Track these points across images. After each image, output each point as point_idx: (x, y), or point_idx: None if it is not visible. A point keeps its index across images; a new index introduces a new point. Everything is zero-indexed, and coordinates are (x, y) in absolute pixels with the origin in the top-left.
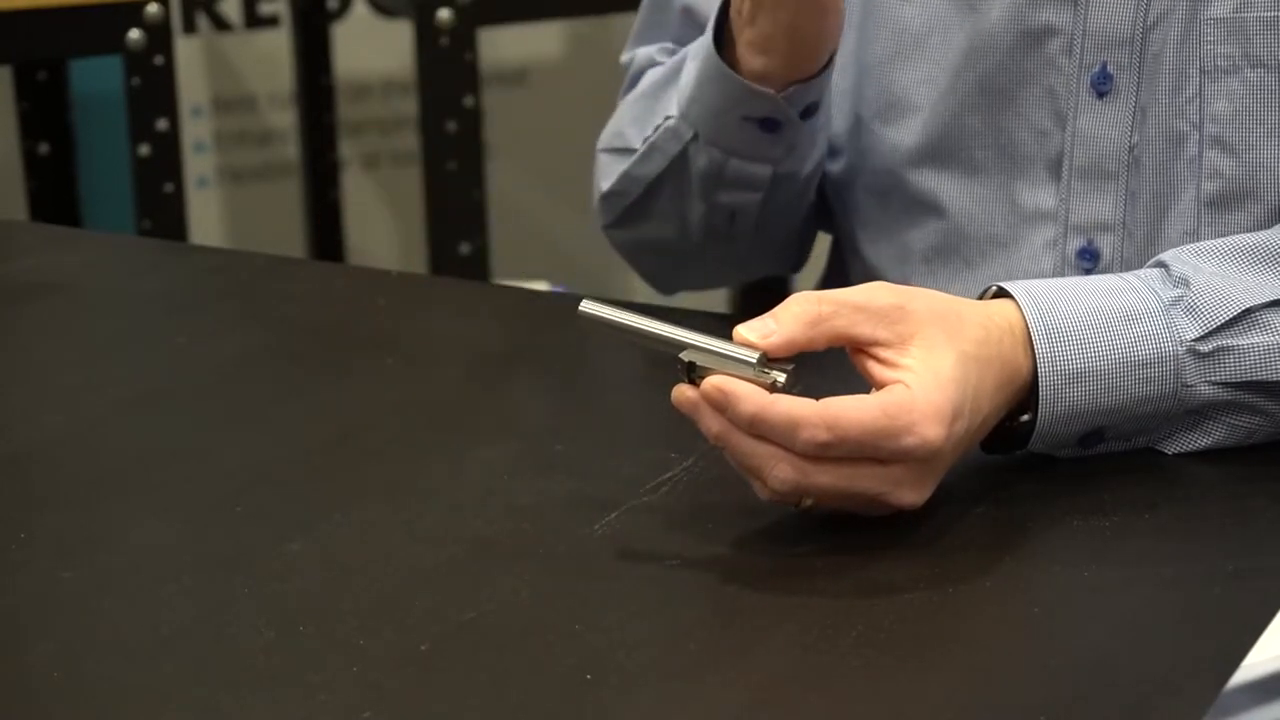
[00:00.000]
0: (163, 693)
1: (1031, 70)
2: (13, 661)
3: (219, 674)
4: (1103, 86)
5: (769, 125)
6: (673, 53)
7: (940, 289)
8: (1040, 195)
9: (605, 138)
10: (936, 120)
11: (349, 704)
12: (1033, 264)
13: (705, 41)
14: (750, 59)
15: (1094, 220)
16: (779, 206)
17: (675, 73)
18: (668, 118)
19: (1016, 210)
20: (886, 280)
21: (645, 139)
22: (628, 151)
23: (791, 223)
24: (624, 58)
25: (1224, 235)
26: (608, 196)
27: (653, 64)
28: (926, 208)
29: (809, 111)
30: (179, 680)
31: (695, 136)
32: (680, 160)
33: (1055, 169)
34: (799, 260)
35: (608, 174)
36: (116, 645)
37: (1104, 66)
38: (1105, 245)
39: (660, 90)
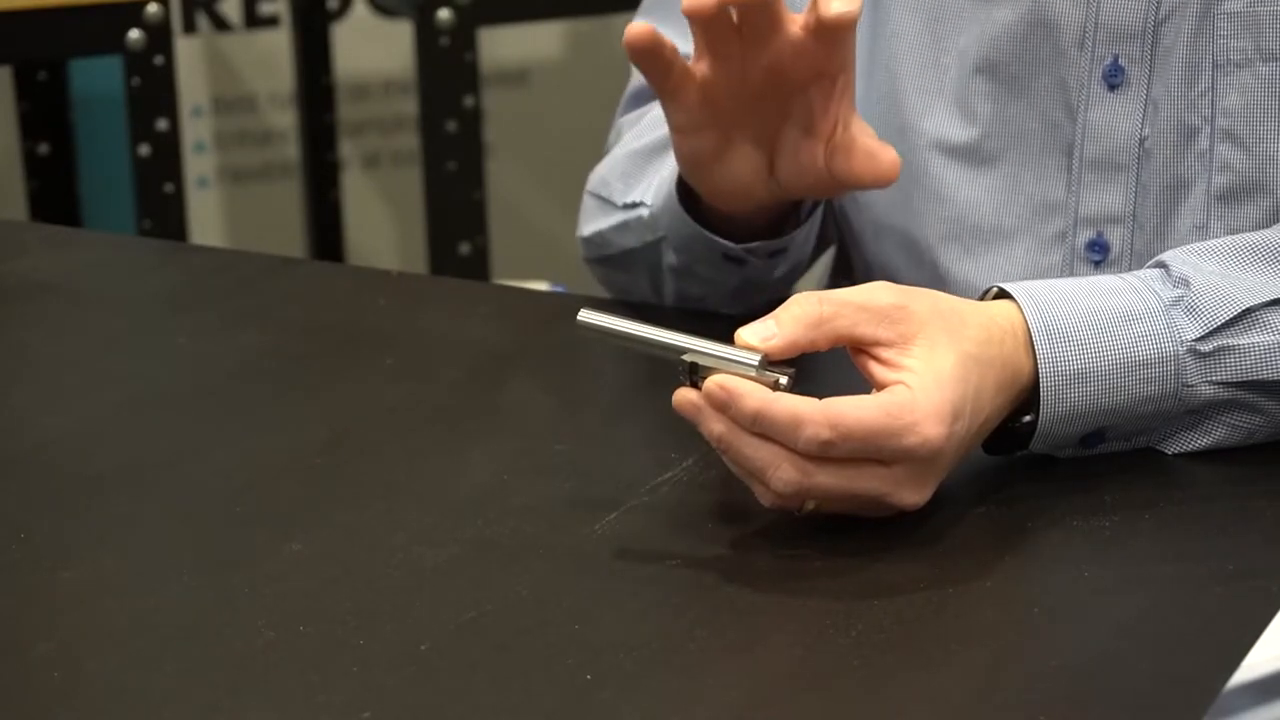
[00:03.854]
0: (163, 693)
1: (1043, 61)
2: (13, 661)
3: (219, 674)
4: (1114, 79)
5: (733, 258)
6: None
7: (946, 280)
8: (1050, 187)
9: (595, 178)
10: (946, 111)
11: (349, 704)
12: (1041, 256)
13: (672, 181)
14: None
15: (1104, 212)
16: (755, 289)
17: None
18: (643, 204)
19: (1026, 202)
20: (892, 272)
21: (625, 204)
22: (610, 205)
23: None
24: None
25: (1234, 229)
26: (587, 240)
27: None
28: (934, 199)
29: (776, 252)
30: (179, 680)
31: (665, 236)
32: (652, 246)
33: (1065, 161)
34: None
35: (589, 219)
36: (116, 645)
37: (1116, 59)
38: (1115, 237)
39: (654, 154)
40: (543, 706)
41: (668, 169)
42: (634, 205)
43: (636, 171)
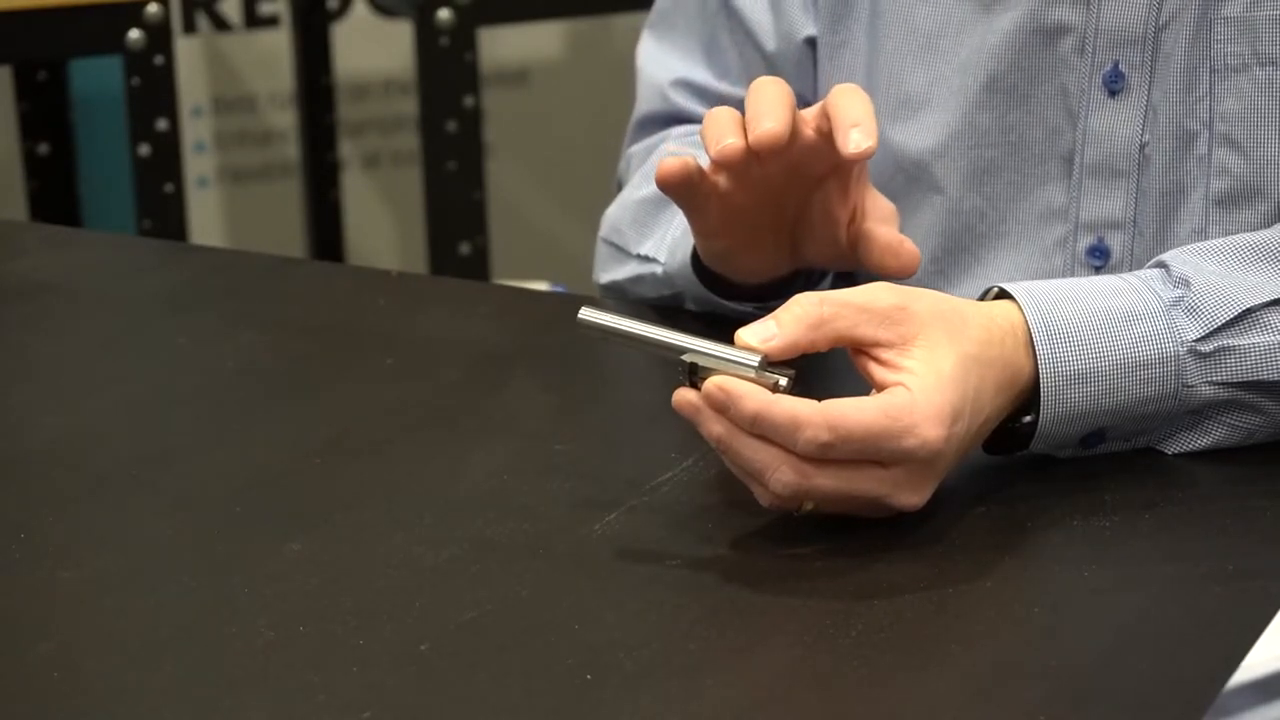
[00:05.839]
0: (163, 693)
1: (1044, 68)
2: (13, 661)
3: (219, 674)
4: (1115, 85)
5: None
6: (710, 67)
7: (949, 287)
8: (1051, 193)
9: (607, 224)
10: (947, 119)
11: (349, 704)
12: (1043, 261)
13: (687, 246)
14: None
15: (1104, 218)
16: None
17: None
18: (658, 261)
19: (1027, 208)
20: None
21: (640, 255)
22: (624, 253)
23: None
24: (640, 57)
25: (1232, 233)
26: (605, 287)
27: (679, 88)
28: (936, 206)
29: None
30: (179, 680)
31: (683, 293)
32: (670, 299)
33: (1066, 167)
34: None
35: (604, 267)
36: (116, 645)
37: (1116, 65)
38: (1115, 243)
39: (665, 202)
40: (543, 706)
41: (679, 226)
42: (648, 259)
43: (649, 219)
